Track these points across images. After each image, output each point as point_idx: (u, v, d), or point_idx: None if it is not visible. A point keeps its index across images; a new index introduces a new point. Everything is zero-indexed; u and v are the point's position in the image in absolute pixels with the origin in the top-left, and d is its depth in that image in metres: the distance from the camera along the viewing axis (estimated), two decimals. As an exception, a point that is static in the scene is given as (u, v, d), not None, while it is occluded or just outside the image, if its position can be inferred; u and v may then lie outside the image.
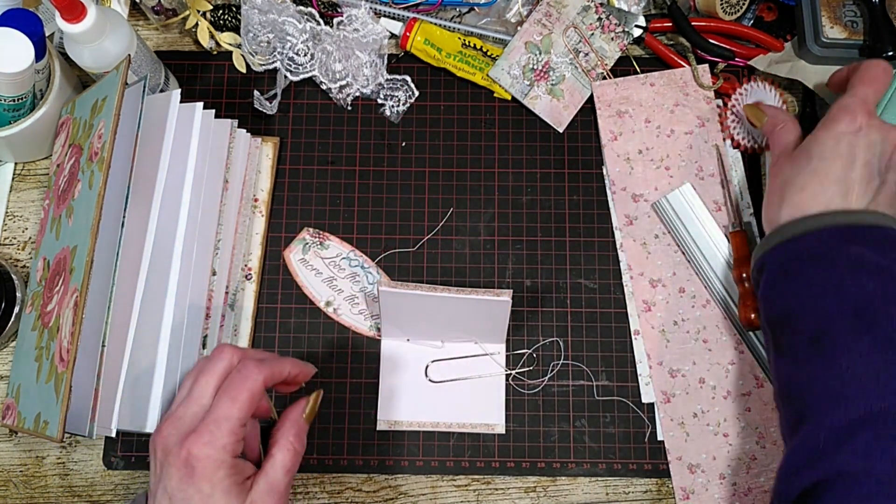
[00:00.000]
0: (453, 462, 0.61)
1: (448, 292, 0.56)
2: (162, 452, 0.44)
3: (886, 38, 0.61)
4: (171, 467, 0.43)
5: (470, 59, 0.67)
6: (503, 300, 0.56)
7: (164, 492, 0.43)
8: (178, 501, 0.43)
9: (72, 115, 0.62)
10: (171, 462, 0.43)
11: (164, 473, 0.43)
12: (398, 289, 0.56)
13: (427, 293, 0.56)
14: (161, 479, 0.44)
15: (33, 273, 0.60)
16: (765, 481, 0.60)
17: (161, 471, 0.44)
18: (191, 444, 0.43)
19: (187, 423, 0.44)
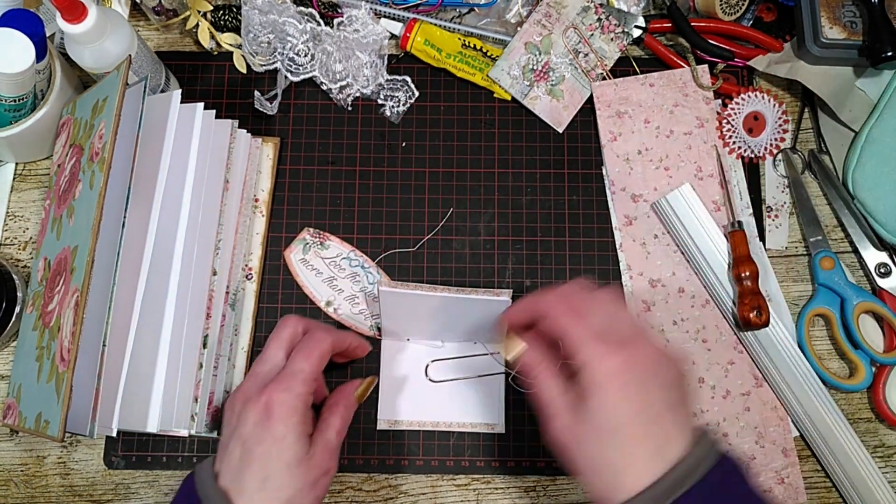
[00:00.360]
0: (453, 462, 0.61)
1: (448, 292, 0.56)
2: (241, 403, 0.49)
3: (885, 39, 0.61)
4: (249, 412, 0.47)
5: (470, 59, 0.67)
6: (503, 300, 0.56)
7: (238, 438, 0.47)
8: (252, 444, 0.47)
9: (73, 116, 0.62)
10: (250, 408, 0.48)
11: (241, 421, 0.48)
12: (398, 289, 0.57)
13: (427, 293, 0.56)
14: (236, 428, 0.48)
15: (34, 273, 0.61)
16: (764, 481, 0.60)
17: (238, 421, 0.48)
18: (270, 391, 0.48)
19: (264, 377, 0.50)
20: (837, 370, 0.64)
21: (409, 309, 0.58)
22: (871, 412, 0.63)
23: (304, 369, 0.50)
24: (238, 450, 0.47)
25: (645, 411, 0.42)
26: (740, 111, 0.66)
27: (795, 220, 0.66)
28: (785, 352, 0.61)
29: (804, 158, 0.67)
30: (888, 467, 0.62)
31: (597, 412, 0.43)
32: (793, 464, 0.61)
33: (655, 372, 0.43)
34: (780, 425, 0.61)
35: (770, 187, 0.66)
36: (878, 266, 0.64)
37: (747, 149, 0.66)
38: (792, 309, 0.64)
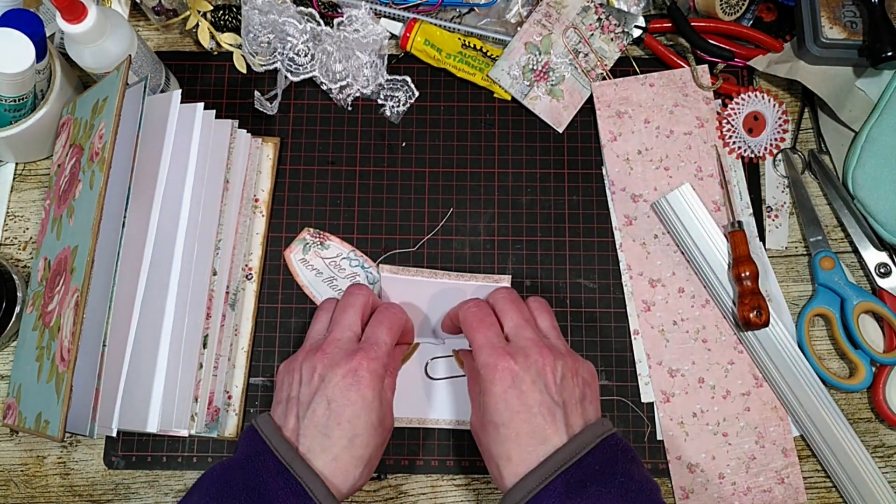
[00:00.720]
0: (453, 462, 0.61)
1: (448, 277, 0.57)
2: (324, 367, 0.50)
3: (885, 39, 0.61)
4: (337, 376, 0.50)
5: (470, 59, 0.67)
6: (502, 286, 0.56)
7: (323, 398, 0.49)
8: (341, 406, 0.49)
9: (73, 116, 0.62)
10: (338, 372, 0.50)
11: (327, 383, 0.50)
12: (399, 273, 0.57)
13: (428, 279, 0.57)
14: (321, 387, 0.50)
15: (34, 273, 0.61)
16: (764, 481, 0.60)
17: (321, 382, 0.50)
18: (360, 359, 0.50)
19: (346, 344, 0.52)
20: (837, 370, 0.64)
21: (408, 296, 0.59)
22: (871, 412, 0.63)
23: (387, 341, 0.53)
24: (322, 407, 0.49)
25: (525, 411, 0.48)
26: (740, 111, 0.66)
27: (795, 220, 0.66)
28: (785, 352, 0.61)
29: (804, 158, 0.67)
30: (888, 467, 0.62)
31: (486, 409, 0.50)
32: (793, 464, 0.61)
33: (539, 377, 0.49)
34: (780, 425, 0.61)
35: (770, 187, 0.66)
36: (878, 266, 0.64)
37: (747, 149, 0.66)
38: (792, 309, 0.64)
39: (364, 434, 0.49)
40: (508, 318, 0.53)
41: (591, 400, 0.51)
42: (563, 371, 0.50)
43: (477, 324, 0.53)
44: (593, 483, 0.45)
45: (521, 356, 0.50)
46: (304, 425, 0.49)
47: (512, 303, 0.54)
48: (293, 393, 0.52)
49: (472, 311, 0.54)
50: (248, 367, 0.62)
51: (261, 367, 0.63)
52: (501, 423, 0.48)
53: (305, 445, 0.48)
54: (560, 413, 0.48)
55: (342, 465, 0.48)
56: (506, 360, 0.49)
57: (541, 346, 0.50)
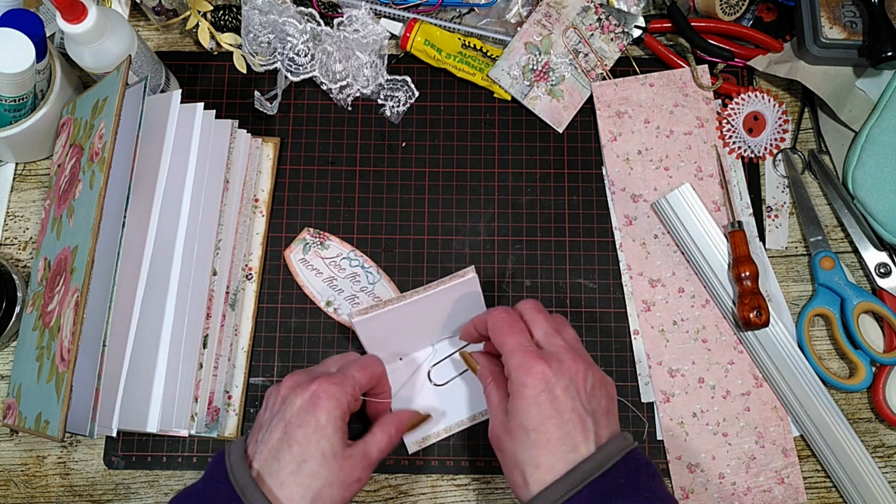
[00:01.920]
0: (453, 462, 0.61)
1: (417, 294, 0.56)
2: (288, 389, 0.51)
3: (885, 39, 0.61)
4: (297, 398, 0.49)
5: (470, 59, 0.67)
6: (469, 278, 0.56)
7: (281, 420, 0.49)
8: (294, 427, 0.48)
9: (73, 116, 0.62)
10: (299, 393, 0.50)
11: (287, 404, 0.50)
12: (371, 313, 0.56)
13: (398, 304, 0.56)
14: (281, 410, 0.50)
15: (34, 273, 0.61)
16: (764, 481, 0.60)
17: (282, 404, 0.50)
18: (321, 382, 0.50)
19: (316, 373, 0.52)
20: (837, 370, 0.64)
21: (388, 328, 0.58)
22: (871, 412, 0.63)
23: (356, 377, 0.52)
24: (279, 430, 0.49)
25: (557, 416, 0.47)
26: (740, 111, 0.66)
27: (795, 220, 0.66)
28: (785, 352, 0.61)
29: (804, 158, 0.67)
30: (888, 467, 0.62)
31: (516, 413, 0.49)
32: (793, 464, 0.61)
33: (572, 383, 0.48)
34: (780, 425, 0.61)
35: (770, 187, 0.66)
36: (878, 266, 0.64)
37: (747, 149, 0.66)
38: (792, 309, 0.64)
39: (312, 461, 0.47)
40: (538, 326, 0.52)
41: (613, 413, 0.51)
42: (593, 381, 0.50)
43: (507, 328, 0.52)
44: (619, 497, 0.45)
45: (555, 361, 0.49)
46: (259, 449, 0.49)
47: (540, 312, 0.54)
48: (261, 417, 0.52)
49: (502, 316, 0.53)
50: (248, 367, 0.62)
51: (261, 367, 0.63)
52: (532, 428, 0.47)
53: (256, 469, 0.48)
54: (590, 422, 0.48)
55: (288, 491, 0.47)
56: (540, 363, 0.48)
57: (573, 353, 0.50)
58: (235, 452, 0.49)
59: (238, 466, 0.48)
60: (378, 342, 0.59)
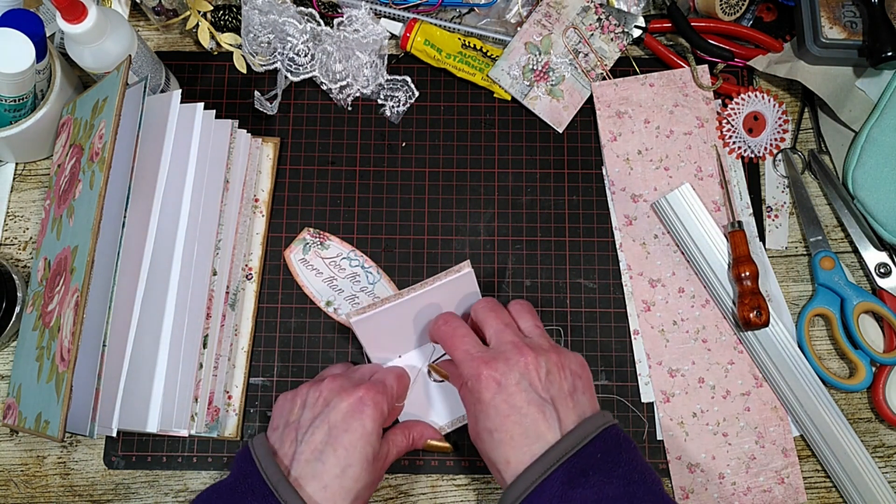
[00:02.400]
0: (453, 461, 0.61)
1: (414, 291, 0.56)
2: (332, 392, 0.51)
3: (885, 39, 0.61)
4: (342, 402, 0.50)
5: (470, 59, 0.67)
6: (465, 272, 0.56)
7: (325, 420, 0.50)
8: (340, 432, 0.49)
9: (73, 116, 0.62)
10: (344, 398, 0.50)
11: (331, 408, 0.50)
12: (368, 312, 0.56)
13: (396, 301, 0.56)
14: (324, 412, 0.50)
15: (34, 273, 0.61)
16: (764, 481, 0.60)
17: (324, 406, 0.51)
18: (368, 389, 0.51)
19: (356, 379, 0.53)
20: (837, 370, 0.64)
21: (387, 326, 0.58)
22: (871, 412, 0.63)
23: (393, 387, 0.54)
24: (322, 432, 0.49)
25: (514, 412, 0.48)
26: (740, 111, 0.66)
27: (795, 220, 0.66)
28: (785, 352, 0.61)
29: (804, 158, 0.67)
30: (888, 467, 0.62)
31: (479, 417, 0.50)
32: (793, 464, 0.61)
33: (523, 377, 0.49)
34: (780, 425, 0.61)
35: (770, 187, 0.66)
36: (878, 266, 0.64)
37: (747, 149, 0.66)
38: (792, 309, 0.64)
39: (357, 466, 0.49)
40: (488, 326, 0.54)
41: (583, 390, 0.51)
42: (548, 367, 0.50)
43: (450, 338, 0.54)
44: (595, 472, 0.46)
45: (502, 361, 0.50)
46: (300, 450, 0.49)
47: (490, 311, 0.55)
48: (293, 417, 0.52)
49: (442, 327, 0.55)
50: (248, 367, 0.62)
51: (261, 367, 0.63)
52: (494, 429, 0.49)
53: (297, 470, 0.48)
54: (550, 409, 0.49)
55: (330, 494, 0.47)
56: (486, 367, 0.50)
57: (520, 346, 0.51)
58: (261, 449, 0.50)
59: (268, 464, 0.48)
60: (377, 341, 0.59)
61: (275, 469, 0.48)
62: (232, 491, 0.48)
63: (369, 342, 0.59)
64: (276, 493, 0.46)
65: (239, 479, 0.48)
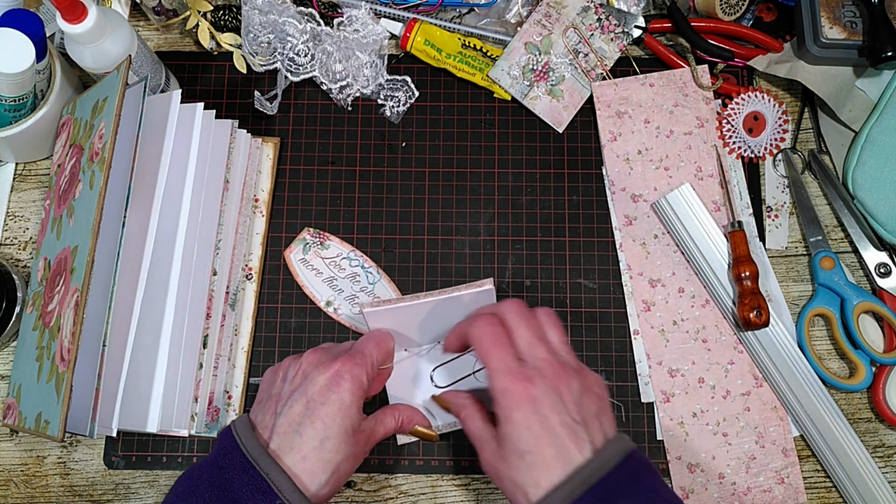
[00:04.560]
0: (453, 462, 0.61)
1: (431, 296, 0.56)
2: (310, 364, 0.51)
3: (885, 39, 0.61)
4: (320, 376, 0.50)
5: (470, 59, 0.67)
6: (486, 289, 0.56)
7: (303, 394, 0.50)
8: (317, 404, 0.49)
9: (73, 116, 0.62)
10: (322, 371, 0.50)
11: (310, 381, 0.50)
12: (381, 306, 0.56)
13: (411, 303, 0.56)
14: (302, 385, 0.50)
15: (34, 273, 0.61)
16: (764, 481, 0.60)
17: (303, 379, 0.51)
18: (344, 362, 0.51)
19: (336, 352, 0.53)
20: (837, 370, 0.64)
21: (397, 323, 0.58)
22: (871, 412, 0.63)
23: (374, 355, 0.53)
24: (300, 405, 0.49)
25: (548, 435, 0.47)
26: (740, 111, 0.66)
27: (795, 220, 0.66)
28: (785, 352, 0.61)
29: (804, 158, 0.67)
30: (888, 467, 0.62)
31: (507, 439, 0.48)
32: (793, 464, 0.61)
33: (559, 398, 0.48)
34: (780, 425, 0.61)
35: (770, 187, 0.66)
36: (878, 266, 0.64)
37: (747, 149, 0.66)
38: (792, 309, 0.64)
39: (335, 438, 0.49)
40: (520, 336, 0.51)
41: (605, 413, 0.50)
42: (580, 388, 0.49)
43: (491, 345, 0.50)
44: (621, 498, 0.45)
45: (539, 379, 0.48)
46: (278, 422, 0.49)
47: (522, 318, 0.52)
48: (274, 391, 0.52)
49: (485, 329, 0.51)
50: (248, 367, 0.62)
51: (261, 367, 0.63)
52: (527, 451, 0.47)
53: (276, 442, 0.48)
54: (582, 431, 0.47)
55: (310, 465, 0.48)
56: (524, 385, 0.48)
57: (556, 365, 0.49)
58: (241, 425, 0.50)
59: (247, 438, 0.48)
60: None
61: (255, 443, 0.48)
62: (213, 467, 0.48)
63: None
64: (256, 465, 0.47)
65: (220, 455, 0.49)
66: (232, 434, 0.49)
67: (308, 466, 0.48)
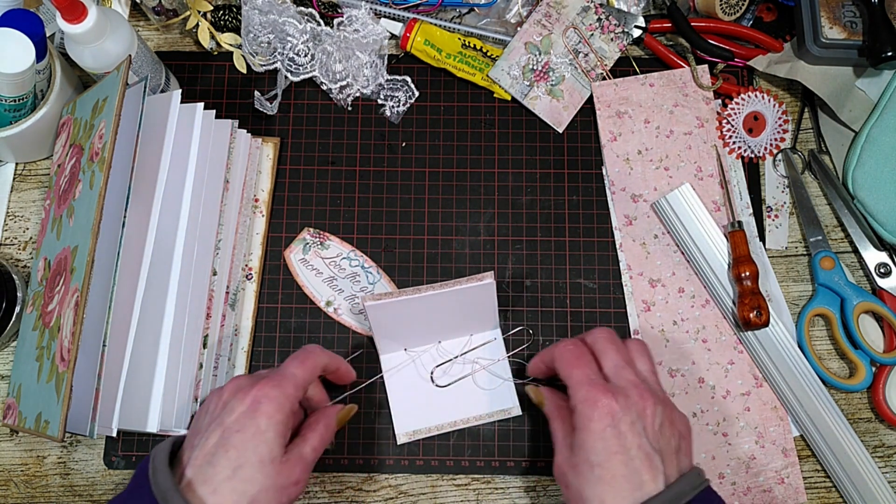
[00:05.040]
0: (453, 461, 0.61)
1: (432, 290, 0.56)
2: (230, 393, 0.50)
3: (885, 39, 0.61)
4: (238, 403, 0.48)
5: (470, 59, 0.67)
6: (487, 283, 0.56)
7: (220, 425, 0.48)
8: (232, 433, 0.47)
9: (73, 116, 0.62)
10: (240, 398, 0.48)
11: (227, 409, 0.48)
12: (383, 300, 0.56)
13: (412, 296, 0.56)
14: (220, 415, 0.49)
15: (34, 273, 0.61)
16: (764, 481, 0.60)
17: (222, 409, 0.49)
18: (262, 386, 0.49)
19: (258, 377, 0.51)
20: (837, 370, 0.64)
21: (399, 317, 0.58)
22: (871, 412, 0.63)
23: (297, 374, 0.51)
24: (216, 435, 0.47)
25: (622, 452, 0.46)
26: (740, 111, 0.66)
27: (795, 220, 0.66)
28: (785, 352, 0.61)
29: (804, 158, 0.67)
30: (888, 467, 0.62)
31: (581, 448, 0.48)
32: (793, 464, 0.61)
33: (639, 419, 0.48)
34: (780, 425, 0.61)
35: (770, 187, 0.66)
36: (878, 266, 0.64)
37: (747, 149, 0.66)
38: (792, 309, 0.64)
39: (249, 467, 0.46)
40: (608, 358, 0.52)
41: (686, 452, 0.50)
42: (662, 418, 0.49)
43: (575, 361, 0.51)
44: None
45: (622, 396, 0.48)
46: (194, 455, 0.47)
47: (611, 343, 0.53)
48: (198, 424, 0.51)
49: (569, 348, 0.52)
50: (248, 367, 0.62)
51: (261, 367, 0.63)
52: (597, 463, 0.46)
53: (190, 474, 0.46)
54: (658, 460, 0.47)
55: (220, 498, 0.45)
56: (606, 396, 0.48)
57: (642, 388, 0.49)
58: (160, 456, 0.47)
59: (161, 473, 0.46)
60: (386, 329, 0.59)
61: (167, 477, 0.46)
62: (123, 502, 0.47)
63: (378, 328, 0.59)
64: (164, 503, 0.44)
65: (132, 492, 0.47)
66: (146, 467, 0.47)
67: (219, 499, 0.45)
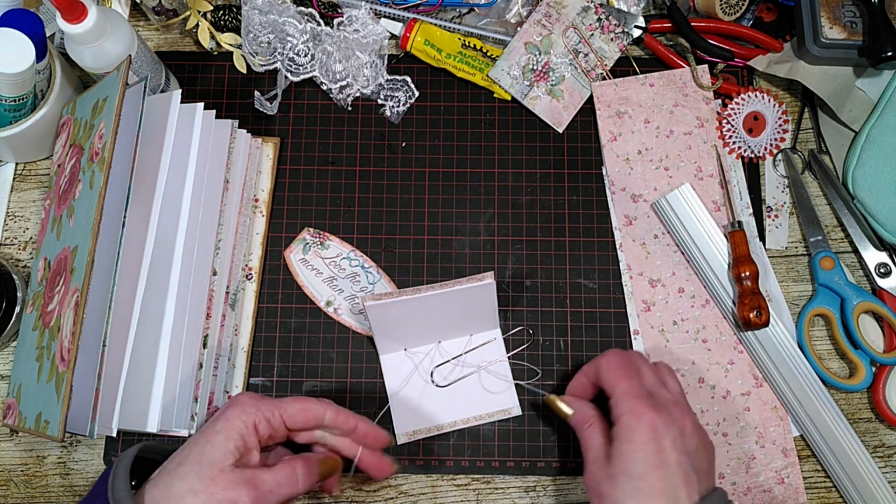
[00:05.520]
0: (453, 461, 0.61)
1: (432, 290, 0.56)
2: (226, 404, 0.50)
3: (885, 39, 0.61)
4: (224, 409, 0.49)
5: (470, 59, 0.67)
6: (487, 283, 0.56)
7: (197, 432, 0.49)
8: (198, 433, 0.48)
9: (73, 116, 0.62)
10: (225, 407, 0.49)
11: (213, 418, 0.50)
12: (383, 300, 0.56)
13: (412, 296, 0.56)
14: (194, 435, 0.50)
15: (34, 273, 0.61)
16: (764, 481, 0.60)
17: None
18: (241, 395, 0.50)
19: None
20: (837, 370, 0.64)
21: (399, 317, 0.58)
22: (871, 412, 0.63)
23: (286, 404, 0.50)
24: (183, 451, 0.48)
25: (663, 467, 0.47)
26: (740, 111, 0.66)
27: (795, 220, 0.66)
28: (785, 352, 0.61)
29: (804, 158, 0.67)
30: (888, 467, 0.62)
31: (621, 458, 0.48)
32: (793, 464, 0.61)
33: (680, 436, 0.49)
34: (780, 425, 0.61)
35: (770, 187, 0.66)
36: (878, 266, 0.64)
37: (747, 149, 0.66)
38: (792, 309, 0.64)
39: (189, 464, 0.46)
40: (645, 375, 0.53)
41: (711, 475, 0.51)
42: (699, 440, 0.50)
43: (623, 371, 0.52)
44: None
45: (665, 412, 0.49)
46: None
47: (645, 362, 0.55)
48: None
49: (617, 359, 0.53)
50: (248, 367, 0.62)
51: (261, 367, 0.63)
52: (637, 476, 0.47)
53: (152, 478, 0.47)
54: (694, 478, 0.48)
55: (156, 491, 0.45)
56: (651, 411, 0.49)
57: (682, 406, 0.51)
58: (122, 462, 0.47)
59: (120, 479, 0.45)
60: (386, 329, 0.59)
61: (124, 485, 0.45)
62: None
63: (378, 328, 0.59)
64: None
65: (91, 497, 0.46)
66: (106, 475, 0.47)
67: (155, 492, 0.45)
